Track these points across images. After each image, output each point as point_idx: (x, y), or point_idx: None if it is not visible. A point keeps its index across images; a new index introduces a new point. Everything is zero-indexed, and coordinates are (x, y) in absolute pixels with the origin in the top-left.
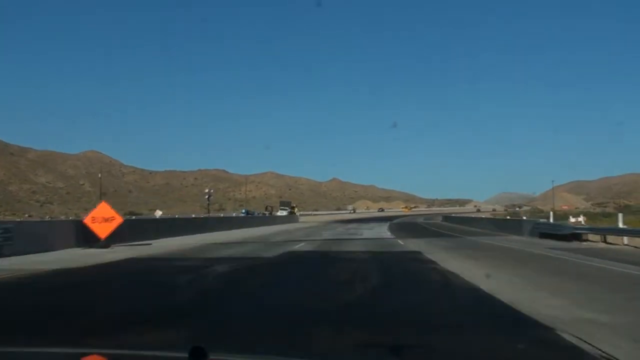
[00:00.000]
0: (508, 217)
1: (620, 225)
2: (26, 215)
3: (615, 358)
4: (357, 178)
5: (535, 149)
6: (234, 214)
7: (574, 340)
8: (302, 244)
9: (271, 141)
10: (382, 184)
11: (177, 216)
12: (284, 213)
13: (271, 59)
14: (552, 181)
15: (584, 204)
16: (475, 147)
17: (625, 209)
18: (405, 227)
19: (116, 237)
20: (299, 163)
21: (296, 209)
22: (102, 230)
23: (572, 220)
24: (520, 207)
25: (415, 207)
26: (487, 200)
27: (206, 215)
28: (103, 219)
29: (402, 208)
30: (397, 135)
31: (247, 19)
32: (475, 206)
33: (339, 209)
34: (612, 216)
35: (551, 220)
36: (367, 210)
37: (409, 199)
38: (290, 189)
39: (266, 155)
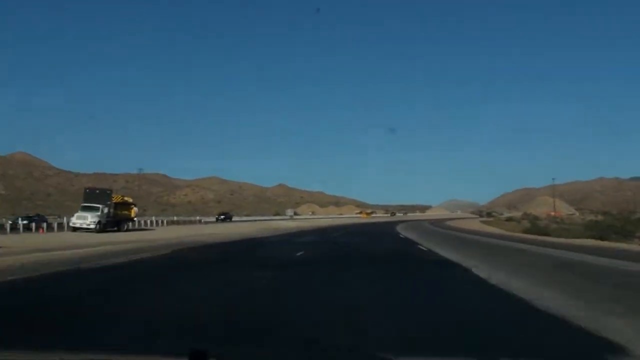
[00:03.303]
0: None
1: None
2: None
3: None
4: (304, 184)
5: (483, 157)
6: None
7: None
8: None
9: (218, 145)
10: (330, 190)
11: None
12: (88, 220)
13: (222, 62)
14: (553, 179)
15: (569, 209)
16: (424, 155)
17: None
18: None
19: None
20: (246, 168)
21: (134, 211)
22: None
23: None
24: (490, 214)
25: (372, 213)
26: (438, 207)
27: None
28: None
29: (360, 214)
30: (348, 142)
31: (195, 18)
32: (417, 211)
33: (277, 214)
34: None
35: None
36: (312, 216)
37: (359, 205)
38: (232, 194)
39: (212, 161)
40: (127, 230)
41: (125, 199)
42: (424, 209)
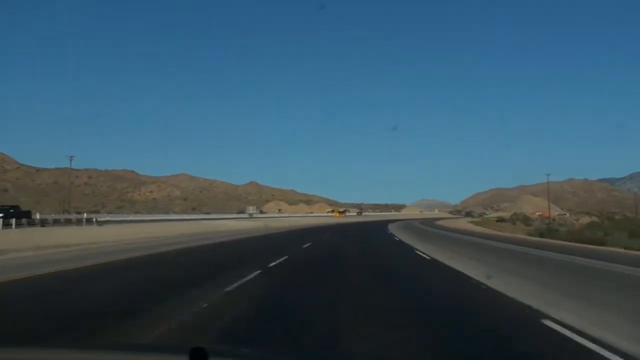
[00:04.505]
0: None
1: None
2: None
3: None
4: (277, 182)
5: (453, 157)
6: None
7: None
8: None
9: (191, 143)
10: (303, 189)
11: None
12: None
13: (188, 62)
14: (547, 175)
15: (555, 209)
16: (395, 156)
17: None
18: None
19: None
20: (218, 166)
21: None
22: None
23: None
24: (469, 213)
25: (345, 212)
26: (411, 205)
27: None
28: None
29: (332, 212)
30: (321, 142)
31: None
32: (412, 210)
33: (241, 212)
34: None
35: None
36: (277, 215)
37: (330, 203)
38: (201, 191)
39: (184, 158)
40: None
41: None
42: (398, 207)
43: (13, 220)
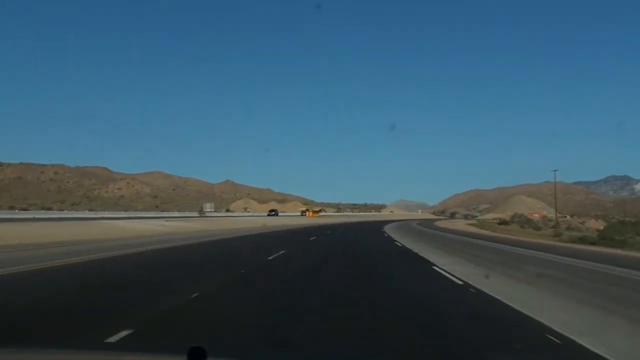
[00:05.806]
0: None
1: None
2: None
3: None
4: (253, 181)
5: (431, 158)
6: None
7: None
8: None
9: (165, 141)
10: (279, 188)
11: None
12: None
13: (164, 57)
14: (555, 171)
15: (549, 210)
16: (373, 156)
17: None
18: None
19: None
20: (194, 164)
21: None
22: None
23: None
24: (454, 214)
25: (320, 211)
26: (391, 206)
27: None
28: None
29: (306, 212)
30: (299, 141)
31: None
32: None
33: (201, 210)
34: None
35: None
36: (241, 214)
37: (307, 202)
38: (174, 189)
39: (161, 156)
40: None
41: None
42: (378, 208)
43: None
